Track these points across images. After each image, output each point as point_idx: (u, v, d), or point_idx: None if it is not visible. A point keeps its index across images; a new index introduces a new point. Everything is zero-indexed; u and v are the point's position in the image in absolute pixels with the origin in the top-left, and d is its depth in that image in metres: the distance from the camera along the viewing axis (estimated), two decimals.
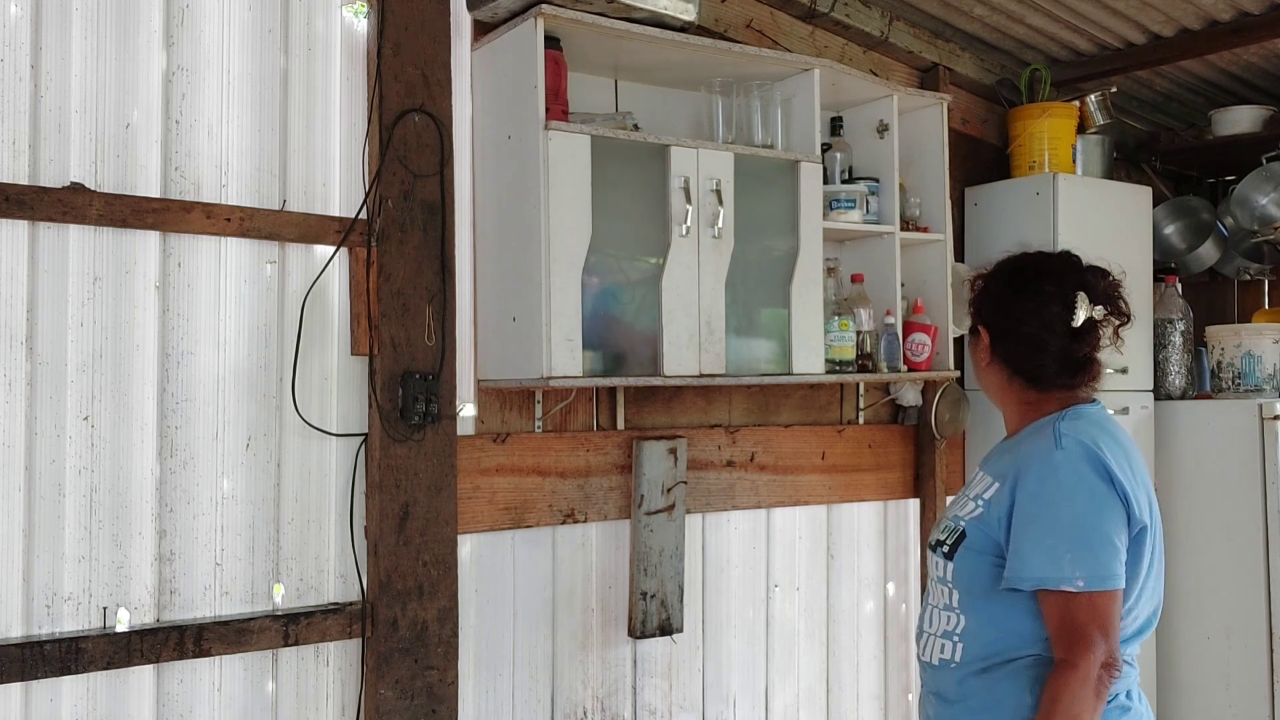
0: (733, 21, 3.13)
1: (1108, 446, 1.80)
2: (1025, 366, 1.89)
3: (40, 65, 2.18)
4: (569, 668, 2.88)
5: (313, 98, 2.50)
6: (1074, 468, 1.76)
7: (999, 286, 1.94)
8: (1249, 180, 4.03)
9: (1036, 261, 1.95)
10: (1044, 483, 1.77)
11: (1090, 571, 1.70)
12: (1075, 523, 1.73)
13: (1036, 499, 1.76)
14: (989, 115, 3.87)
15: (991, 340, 1.92)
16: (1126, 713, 1.82)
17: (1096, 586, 1.70)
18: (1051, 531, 1.73)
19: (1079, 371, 1.89)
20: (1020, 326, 1.88)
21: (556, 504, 2.83)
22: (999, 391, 1.96)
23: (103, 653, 2.18)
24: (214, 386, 2.37)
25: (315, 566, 2.48)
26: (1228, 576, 3.65)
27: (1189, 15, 3.43)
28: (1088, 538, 1.72)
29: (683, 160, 2.64)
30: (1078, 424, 1.83)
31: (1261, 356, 3.81)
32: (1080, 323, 1.85)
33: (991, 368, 1.94)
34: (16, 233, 2.15)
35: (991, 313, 1.93)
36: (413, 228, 2.51)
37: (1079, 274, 1.90)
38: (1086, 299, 1.85)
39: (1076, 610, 1.70)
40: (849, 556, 3.44)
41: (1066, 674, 1.70)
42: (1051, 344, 1.86)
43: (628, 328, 2.66)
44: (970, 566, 1.83)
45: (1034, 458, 1.80)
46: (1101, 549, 1.71)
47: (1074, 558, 1.71)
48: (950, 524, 1.90)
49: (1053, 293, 1.86)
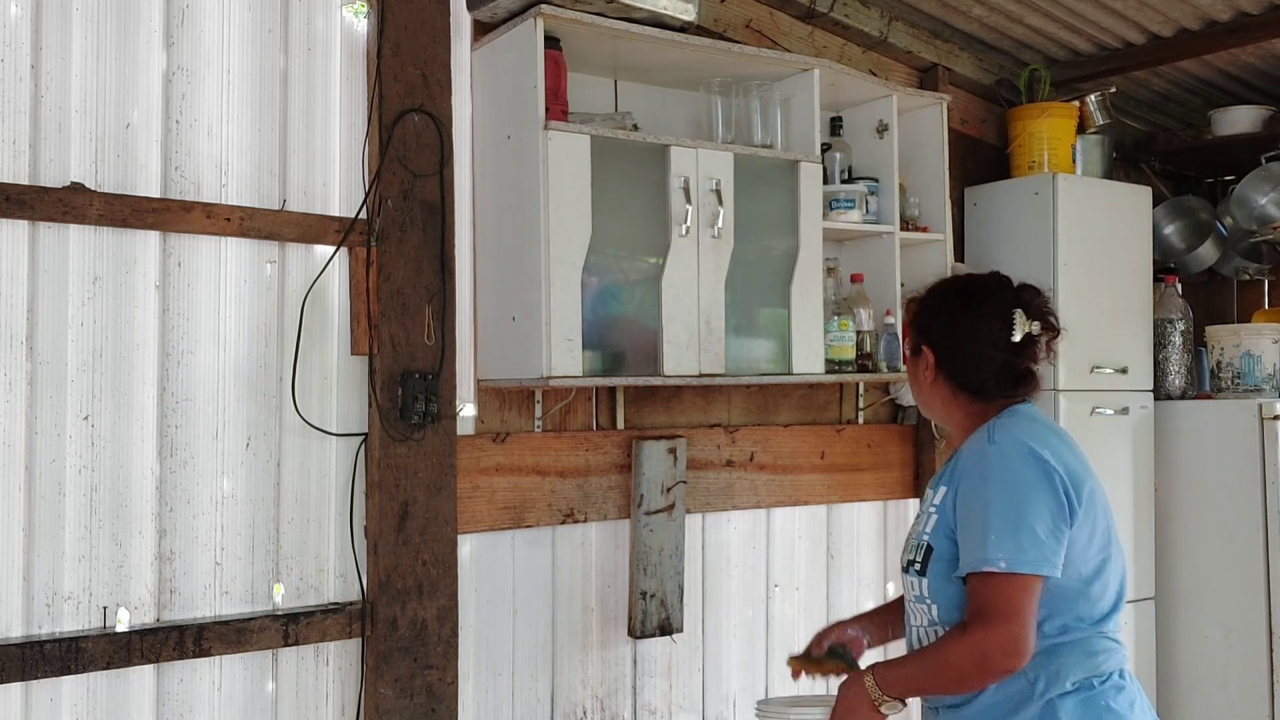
0: (732, 21, 3.13)
1: (1038, 436, 1.88)
2: (969, 381, 1.98)
3: (40, 65, 2.18)
4: (569, 667, 2.88)
5: (313, 97, 2.50)
6: (1002, 459, 1.85)
7: (940, 307, 2.05)
8: (1248, 180, 4.04)
9: (973, 282, 2.08)
10: (975, 473, 1.87)
11: (1014, 554, 1.77)
12: (1001, 507, 1.81)
13: (971, 492, 1.86)
14: (988, 115, 3.87)
15: (936, 358, 2.01)
16: (1121, 691, 1.87)
17: (1018, 569, 1.77)
18: (982, 518, 1.82)
19: (1020, 384, 1.98)
20: (964, 344, 1.98)
21: (556, 504, 2.83)
22: (944, 407, 2.04)
23: (103, 652, 2.18)
24: (214, 386, 2.37)
25: (315, 566, 2.48)
26: (1228, 576, 3.65)
27: (1187, 15, 3.43)
28: (1013, 521, 1.79)
29: (682, 160, 2.65)
30: (1010, 420, 1.93)
31: (1261, 356, 3.81)
32: (1019, 338, 1.94)
33: (936, 384, 2.02)
34: (16, 233, 2.15)
35: (935, 332, 2.02)
36: (412, 227, 2.51)
37: (1014, 293, 2.01)
38: (1024, 315, 1.95)
39: (988, 589, 1.78)
40: (849, 556, 3.44)
41: (957, 635, 1.81)
42: (994, 359, 1.96)
43: (627, 327, 2.66)
44: (941, 574, 1.89)
45: (971, 456, 1.91)
46: (1024, 534, 1.78)
47: (998, 539, 1.78)
48: (915, 542, 1.97)
49: (992, 311, 1.96)
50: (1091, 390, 3.58)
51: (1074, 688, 1.85)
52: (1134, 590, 3.68)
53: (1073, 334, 3.46)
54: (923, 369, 2.03)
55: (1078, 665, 1.85)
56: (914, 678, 1.91)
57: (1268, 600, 3.56)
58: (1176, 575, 3.79)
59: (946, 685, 1.88)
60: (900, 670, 1.92)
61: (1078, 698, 1.84)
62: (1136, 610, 3.69)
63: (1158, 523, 3.78)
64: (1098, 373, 3.59)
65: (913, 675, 1.91)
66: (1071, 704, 1.83)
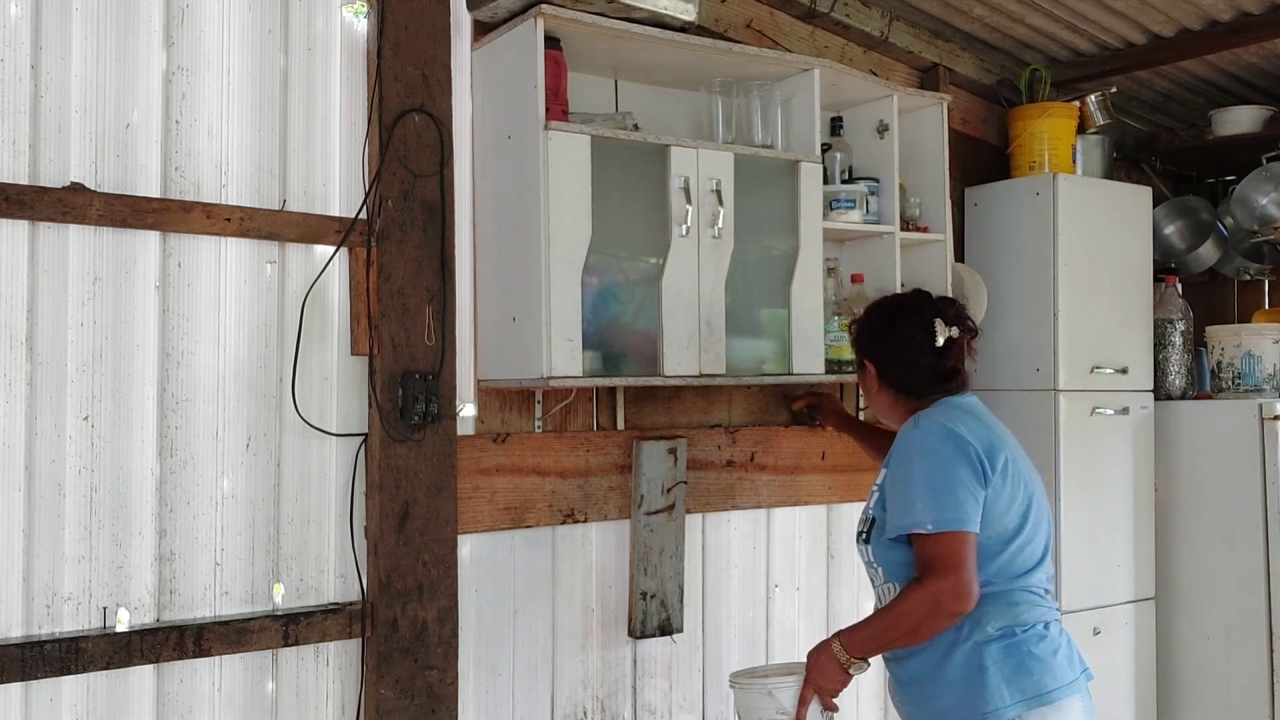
0: (733, 21, 3.13)
1: (955, 418, 2.19)
2: (905, 384, 2.32)
3: (40, 65, 2.18)
4: (569, 668, 2.88)
5: (313, 98, 2.50)
6: (922, 438, 2.17)
7: (873, 327, 2.39)
8: (1249, 180, 4.03)
9: (899, 301, 2.44)
10: (900, 451, 2.20)
11: (937, 516, 2.07)
12: (923, 478, 2.12)
13: (897, 464, 2.19)
14: (989, 115, 3.87)
15: (877, 369, 2.35)
16: (1043, 640, 2.14)
17: (944, 528, 2.07)
18: (907, 488, 2.14)
19: (949, 380, 2.30)
20: (895, 354, 2.32)
21: (556, 504, 2.83)
22: (890, 408, 2.37)
23: (103, 653, 2.18)
24: (214, 386, 2.37)
25: (315, 566, 2.48)
26: (1228, 576, 3.65)
27: (1189, 15, 3.43)
28: (935, 489, 2.10)
29: (683, 160, 2.64)
30: (935, 409, 2.24)
31: (1261, 356, 3.81)
32: (942, 342, 2.27)
33: (881, 391, 2.36)
34: (16, 233, 2.15)
35: (872, 347, 2.38)
36: (413, 228, 2.51)
37: (933, 305, 2.33)
38: (943, 323, 2.28)
39: (929, 547, 2.09)
40: (849, 556, 3.43)
41: (911, 585, 2.11)
42: (922, 362, 2.29)
43: (628, 328, 2.66)
44: (884, 542, 2.20)
45: (900, 439, 2.23)
46: (946, 498, 2.08)
47: (923, 506, 2.09)
48: (863, 515, 2.31)
49: (915, 324, 2.30)
50: (1091, 390, 3.57)
51: (998, 634, 2.12)
52: (1134, 590, 3.69)
53: (1073, 334, 3.52)
54: (868, 380, 2.38)
55: (999, 614, 2.13)
56: (876, 635, 2.18)
57: (1268, 600, 3.56)
58: (1177, 575, 3.79)
59: (905, 635, 2.14)
60: (863, 632, 2.20)
61: (1001, 644, 2.12)
62: (1136, 610, 3.69)
63: (1158, 523, 3.78)
64: (1098, 373, 3.59)
65: (875, 633, 2.18)
66: (996, 649, 2.11)
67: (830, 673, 2.19)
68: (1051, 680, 2.11)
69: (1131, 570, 3.68)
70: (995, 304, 3.56)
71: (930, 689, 2.17)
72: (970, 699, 2.10)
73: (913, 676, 2.21)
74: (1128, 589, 3.66)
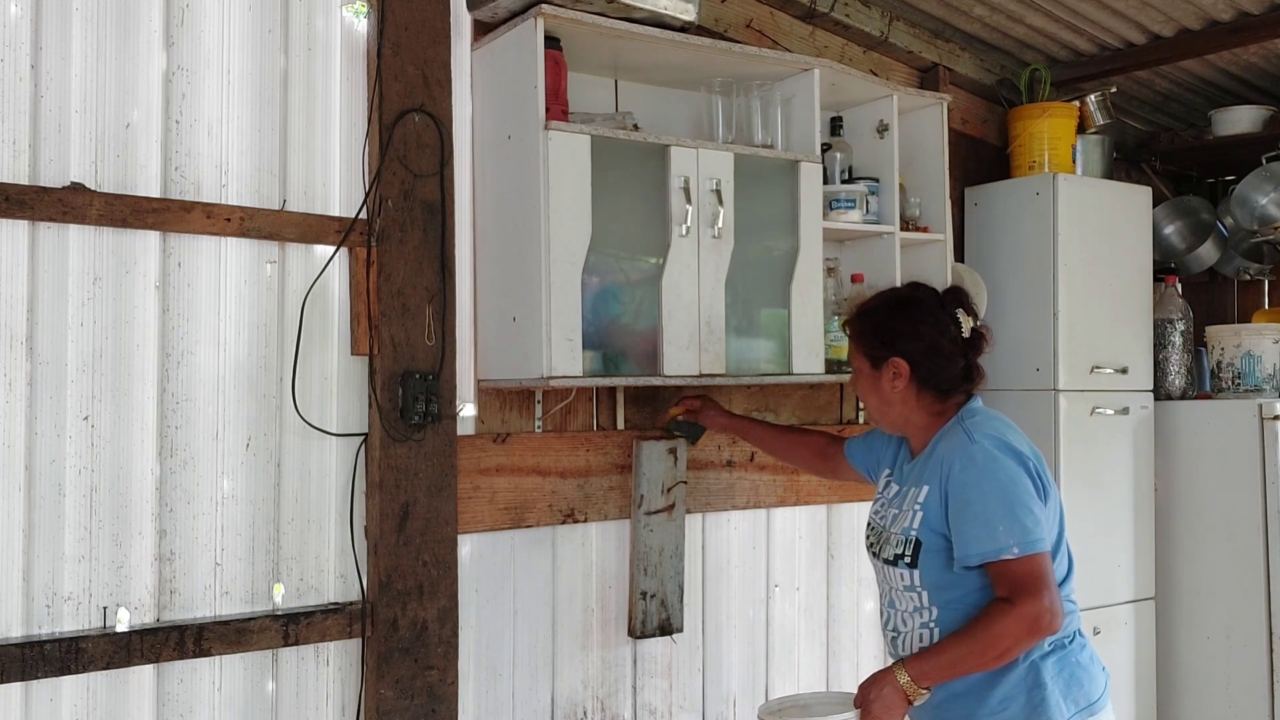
0: (733, 21, 3.13)
1: (1002, 430, 2.12)
2: (941, 381, 2.16)
3: (40, 65, 2.18)
4: (569, 668, 2.88)
5: (313, 98, 2.50)
6: (988, 457, 2.06)
7: (896, 320, 2.19)
8: (1249, 180, 4.04)
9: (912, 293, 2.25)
10: (968, 472, 2.06)
11: (1022, 539, 1.99)
12: (1000, 500, 2.02)
13: (965, 487, 2.05)
14: (989, 115, 3.87)
15: (911, 367, 2.15)
16: (1084, 648, 2.13)
17: (1028, 550, 1.99)
18: (983, 512, 2.02)
19: (972, 377, 2.19)
20: (934, 346, 2.15)
21: (556, 504, 2.83)
22: (904, 412, 2.20)
23: (103, 653, 2.18)
24: (214, 386, 2.37)
25: (315, 566, 2.48)
26: (1228, 576, 3.66)
27: (1189, 15, 3.43)
28: (1013, 511, 2.01)
29: (683, 160, 2.64)
30: (976, 420, 2.14)
31: (1261, 356, 3.81)
32: (969, 333, 2.16)
33: (905, 393, 2.17)
34: (16, 233, 2.15)
35: (903, 343, 2.16)
36: (413, 227, 2.51)
37: (950, 295, 2.20)
38: (965, 313, 2.16)
39: (1016, 572, 1.99)
40: (849, 556, 3.43)
41: (1003, 607, 1.99)
42: (956, 356, 2.16)
43: (628, 327, 2.66)
44: (933, 565, 2.09)
45: (955, 455, 2.09)
46: (1026, 518, 2.01)
47: (1006, 529, 2.00)
48: (901, 537, 2.14)
49: (942, 315, 2.16)
50: (1091, 390, 3.58)
51: (1050, 648, 2.08)
52: (1134, 590, 3.69)
53: (1073, 334, 3.52)
54: (889, 380, 2.17)
55: None
56: (958, 661, 2.04)
57: (1268, 600, 3.56)
58: (1177, 575, 3.79)
59: (993, 659, 2.02)
60: (937, 659, 2.06)
61: (1054, 658, 2.07)
62: (1136, 610, 3.69)
63: (1158, 523, 3.78)
64: (1098, 373, 3.59)
65: (956, 659, 2.04)
66: (1051, 664, 2.06)
67: (895, 707, 2.06)
68: (1095, 689, 2.11)
69: (1131, 570, 3.68)
70: (995, 304, 3.57)
71: (973, 707, 2.08)
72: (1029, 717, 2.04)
73: (952, 693, 2.09)
74: (1128, 589, 3.67)
